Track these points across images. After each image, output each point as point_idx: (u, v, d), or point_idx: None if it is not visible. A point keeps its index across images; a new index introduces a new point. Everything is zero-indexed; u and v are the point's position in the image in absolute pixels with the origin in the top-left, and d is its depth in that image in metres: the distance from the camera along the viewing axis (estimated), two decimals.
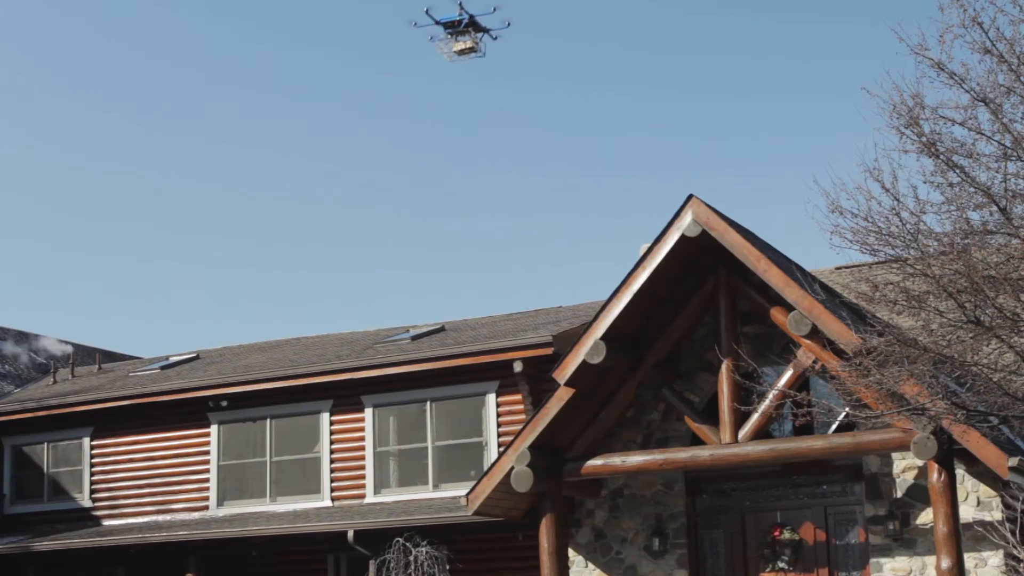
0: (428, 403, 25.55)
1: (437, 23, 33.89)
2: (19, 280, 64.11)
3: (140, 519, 27.93)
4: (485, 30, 33.95)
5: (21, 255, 66.40)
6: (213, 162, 68.64)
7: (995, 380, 14.44)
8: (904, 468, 19.91)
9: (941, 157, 13.67)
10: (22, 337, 34.54)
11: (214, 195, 69.37)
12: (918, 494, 19.65)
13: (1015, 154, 13.42)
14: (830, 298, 18.95)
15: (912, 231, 13.99)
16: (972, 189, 13.60)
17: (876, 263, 15.01)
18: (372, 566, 23.42)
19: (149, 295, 68.31)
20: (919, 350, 14.28)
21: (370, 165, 68.53)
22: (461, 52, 33.45)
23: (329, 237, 68.34)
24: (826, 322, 18.35)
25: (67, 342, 35.08)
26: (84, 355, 34.46)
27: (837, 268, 25.15)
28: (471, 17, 33.74)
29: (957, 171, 13.66)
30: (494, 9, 33.79)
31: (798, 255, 24.01)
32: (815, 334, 18.72)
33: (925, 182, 13.89)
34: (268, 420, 27.08)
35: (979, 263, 13.51)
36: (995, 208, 13.54)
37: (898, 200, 14.01)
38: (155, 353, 34.55)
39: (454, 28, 33.91)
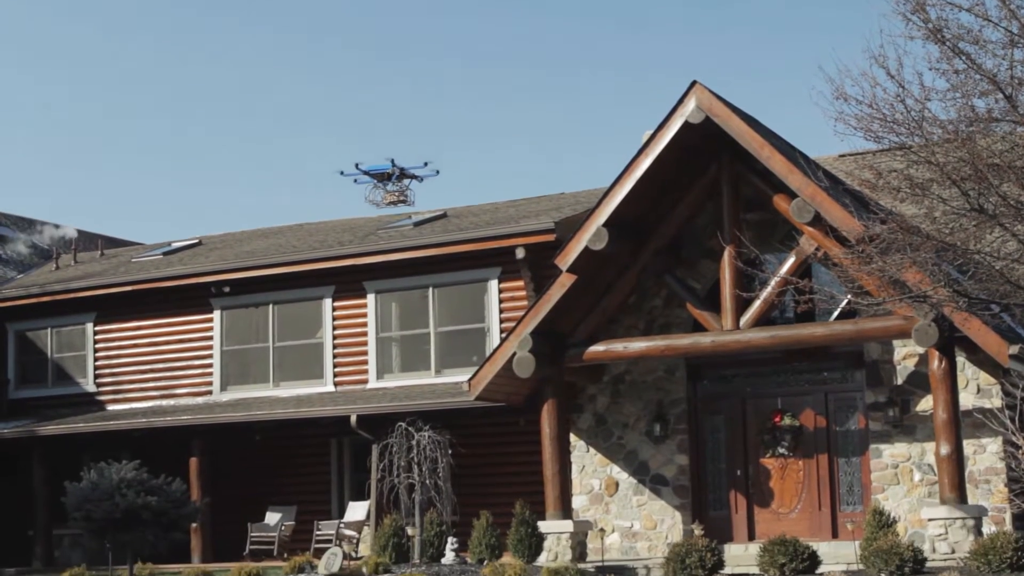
0: (430, 289, 25.62)
1: (366, 173, 34.67)
2: (21, 166, 64.05)
3: (144, 404, 28.12)
4: (412, 176, 34.82)
5: (24, 141, 66.25)
6: (215, 39, 68.19)
7: (997, 268, 14.44)
8: (905, 355, 19.97)
9: (947, 43, 13.55)
10: (25, 223, 34.53)
11: (217, 75, 69.04)
12: (918, 381, 19.73)
13: (1022, 41, 13.30)
14: (833, 185, 18.86)
15: (917, 118, 13.91)
16: (978, 76, 13.49)
17: (880, 150, 14.94)
18: (375, 450, 23.59)
19: (151, 181, 68.27)
20: (922, 238, 14.26)
21: (370, 45, 68.11)
22: (391, 203, 34.39)
23: (331, 120, 68.08)
24: (829, 209, 18.28)
25: (70, 228, 35.07)
26: (87, 241, 34.44)
27: (841, 156, 24.98)
28: (402, 171, 34.55)
29: (963, 58, 13.54)
30: (426, 163, 34.99)
31: (801, 144, 23.87)
32: (818, 221, 18.67)
33: (930, 69, 13.78)
34: (271, 306, 27.16)
35: (983, 151, 13.46)
36: (1000, 95, 13.44)
37: (903, 87, 13.92)
38: (157, 239, 34.56)
39: (383, 180, 34.74)
